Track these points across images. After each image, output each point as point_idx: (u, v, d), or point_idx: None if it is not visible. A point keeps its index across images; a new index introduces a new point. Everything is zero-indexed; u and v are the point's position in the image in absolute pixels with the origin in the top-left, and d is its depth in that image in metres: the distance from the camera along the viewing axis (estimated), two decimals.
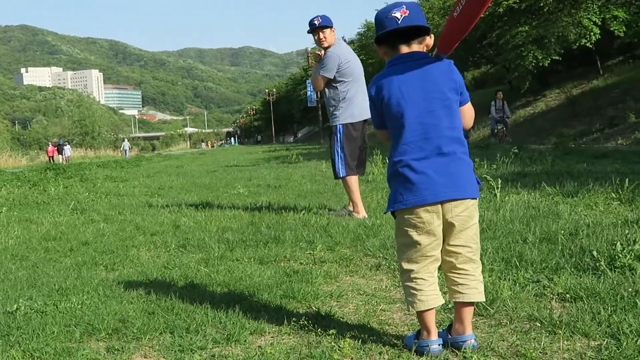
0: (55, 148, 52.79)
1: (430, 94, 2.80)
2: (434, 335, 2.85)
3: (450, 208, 2.76)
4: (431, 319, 2.86)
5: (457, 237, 2.80)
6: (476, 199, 2.83)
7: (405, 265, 2.87)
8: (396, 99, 2.83)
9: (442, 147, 2.77)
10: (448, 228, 2.80)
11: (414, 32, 2.85)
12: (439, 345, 2.84)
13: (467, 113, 2.93)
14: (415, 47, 2.87)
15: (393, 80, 2.85)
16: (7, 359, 3.11)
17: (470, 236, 2.82)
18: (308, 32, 7.17)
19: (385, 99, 2.86)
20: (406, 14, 2.78)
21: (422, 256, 2.83)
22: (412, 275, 2.85)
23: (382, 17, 2.84)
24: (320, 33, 7.07)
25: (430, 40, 2.91)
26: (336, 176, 7.19)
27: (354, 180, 7.04)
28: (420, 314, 2.87)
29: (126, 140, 76.27)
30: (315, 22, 7.03)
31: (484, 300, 2.95)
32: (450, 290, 2.88)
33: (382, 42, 2.93)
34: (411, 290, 2.85)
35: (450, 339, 2.87)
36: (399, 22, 2.78)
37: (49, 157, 51.61)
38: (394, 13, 2.79)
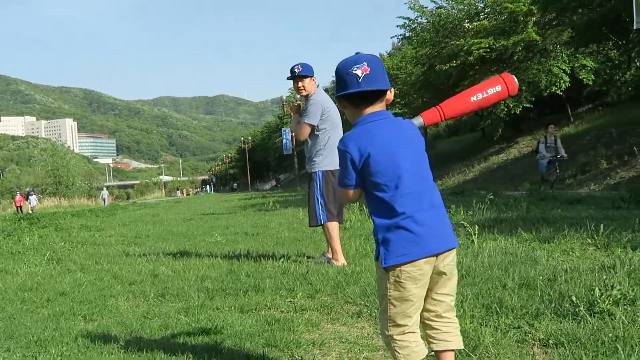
0: (23, 197, 52.29)
1: (414, 147, 2.82)
2: None
3: (442, 258, 2.77)
4: None
5: (444, 285, 2.82)
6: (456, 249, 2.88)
7: (400, 321, 2.78)
8: (386, 153, 2.76)
9: (432, 198, 2.80)
10: (438, 277, 2.79)
11: (376, 94, 2.81)
12: None
13: None
14: (378, 106, 2.83)
15: (375, 136, 2.78)
16: None
17: (454, 284, 2.86)
18: (288, 79, 7.23)
19: (372, 154, 2.76)
20: (367, 72, 2.73)
21: (416, 309, 2.80)
22: (406, 330, 2.78)
23: (342, 73, 2.79)
24: (300, 82, 7.11)
25: (390, 94, 2.87)
26: (314, 223, 7.13)
27: (334, 227, 7.02)
28: None
29: (105, 189, 75.83)
30: (296, 69, 7.07)
31: (462, 346, 2.94)
32: (431, 339, 2.86)
33: (343, 99, 2.87)
34: (404, 344, 2.77)
35: None
36: (360, 81, 2.73)
37: (17, 206, 50.87)
38: (355, 70, 2.74)
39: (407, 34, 36.94)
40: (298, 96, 7.52)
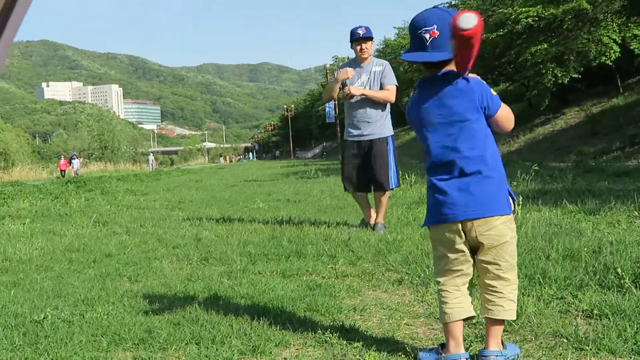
0: (67, 161, 52.19)
1: (448, 118, 2.81)
2: (461, 349, 2.85)
3: (474, 227, 2.76)
4: (455, 332, 2.86)
5: (486, 253, 2.81)
6: (506, 215, 2.79)
7: (436, 276, 2.95)
8: (419, 124, 2.90)
9: (464, 168, 2.77)
10: (477, 245, 2.81)
11: (438, 62, 2.80)
12: (467, 359, 2.84)
13: (500, 119, 2.84)
14: (446, 68, 2.81)
15: (417, 106, 2.90)
16: None
17: (499, 254, 2.79)
18: (351, 41, 7.15)
19: (413, 123, 2.96)
20: (435, 36, 2.72)
21: (449, 270, 2.87)
22: (439, 287, 2.92)
23: (414, 31, 2.80)
24: (363, 44, 7.07)
25: None
26: (389, 186, 7.15)
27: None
28: (445, 326, 2.90)
29: (151, 154, 76.82)
30: (360, 31, 7.02)
31: (513, 318, 2.91)
32: (481, 304, 2.91)
33: None
34: (442, 299, 2.89)
35: (478, 352, 2.88)
36: (427, 45, 2.73)
37: (61, 170, 50.85)
38: (424, 33, 2.74)
39: (453, 2, 36.38)
40: (341, 65, 7.47)
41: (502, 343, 2.88)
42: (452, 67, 2.80)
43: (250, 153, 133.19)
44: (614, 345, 2.91)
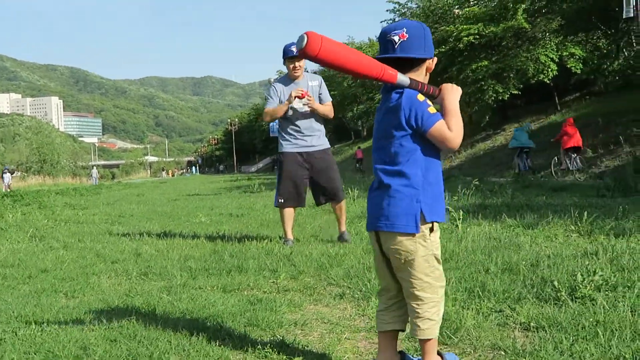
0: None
1: (379, 132, 2.85)
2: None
3: (384, 240, 2.78)
4: (382, 341, 2.92)
5: (398, 269, 2.79)
6: (412, 234, 2.71)
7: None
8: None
9: (382, 181, 2.78)
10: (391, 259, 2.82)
11: (411, 61, 2.80)
12: None
13: (433, 138, 2.72)
14: (416, 74, 2.81)
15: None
16: None
17: (409, 271, 2.75)
18: (284, 58, 7.11)
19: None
20: (404, 39, 2.73)
21: (380, 277, 2.95)
22: (379, 292, 2.99)
23: (383, 37, 2.80)
24: (297, 62, 7.09)
25: (431, 63, 2.86)
26: (342, 197, 7.30)
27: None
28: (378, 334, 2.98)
29: (94, 168, 75.63)
30: (293, 49, 6.95)
31: (431, 337, 2.78)
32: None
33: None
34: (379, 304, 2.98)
35: None
36: (395, 47, 2.74)
37: None
38: (393, 36, 2.75)
39: (396, 19, 36.87)
40: (275, 80, 7.52)
41: (441, 355, 2.88)
42: (417, 74, 2.81)
43: (194, 167, 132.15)
44: (550, 357, 2.95)
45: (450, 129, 2.70)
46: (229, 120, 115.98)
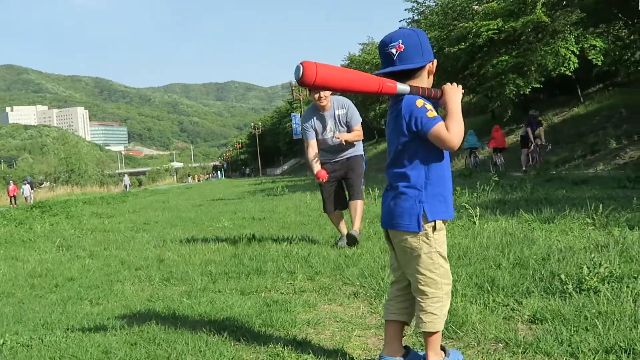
0: (17, 187, 47.35)
1: (389, 137, 3.02)
2: (389, 351, 3.02)
3: (392, 237, 2.98)
4: (386, 331, 3.06)
5: (404, 265, 2.97)
6: (415, 232, 2.86)
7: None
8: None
9: (391, 182, 2.98)
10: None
11: (412, 70, 2.91)
12: None
13: (432, 140, 2.81)
14: (417, 81, 2.92)
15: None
16: None
17: (414, 267, 2.91)
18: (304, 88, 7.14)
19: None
20: (401, 50, 2.84)
21: (392, 270, 3.12)
22: (391, 284, 3.16)
23: (382, 50, 2.92)
24: (321, 92, 6.98)
25: (432, 66, 2.95)
26: (361, 196, 7.41)
27: None
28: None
29: (126, 176, 76.34)
30: None
31: (434, 330, 2.90)
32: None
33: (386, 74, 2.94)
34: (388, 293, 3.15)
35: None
36: (395, 59, 2.85)
37: (10, 197, 45.13)
38: (391, 49, 2.86)
39: (415, 17, 36.83)
40: (306, 113, 7.51)
41: (445, 350, 3.00)
42: (419, 80, 2.93)
43: (219, 172, 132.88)
44: (550, 348, 3.05)
45: (449, 130, 2.79)
46: (252, 123, 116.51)
